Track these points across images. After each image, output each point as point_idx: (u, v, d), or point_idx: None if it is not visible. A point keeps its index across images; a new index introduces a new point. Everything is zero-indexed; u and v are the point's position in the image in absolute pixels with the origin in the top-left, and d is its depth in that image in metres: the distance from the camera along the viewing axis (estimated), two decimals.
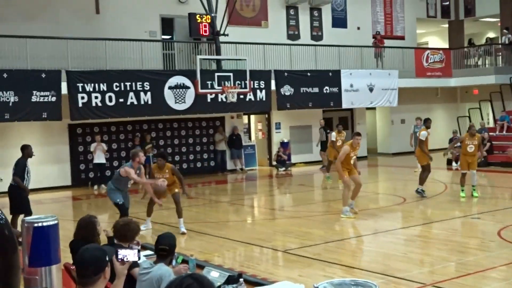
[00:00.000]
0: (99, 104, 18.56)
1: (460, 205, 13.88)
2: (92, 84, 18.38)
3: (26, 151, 11.56)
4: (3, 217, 4.89)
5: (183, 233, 11.47)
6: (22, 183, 11.30)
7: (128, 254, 3.72)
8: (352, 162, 12.60)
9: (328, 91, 23.34)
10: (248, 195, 18.41)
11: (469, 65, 28.03)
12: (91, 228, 6.32)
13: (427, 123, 15.21)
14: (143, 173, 11.63)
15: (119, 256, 3.69)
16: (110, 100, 18.73)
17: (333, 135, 19.01)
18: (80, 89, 18.20)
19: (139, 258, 3.86)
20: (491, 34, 32.31)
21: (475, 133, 14.76)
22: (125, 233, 5.90)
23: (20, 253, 6.02)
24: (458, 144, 15.59)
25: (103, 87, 18.57)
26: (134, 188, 13.67)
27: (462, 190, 14.56)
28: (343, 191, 12.68)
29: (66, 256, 7.22)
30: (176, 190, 11.67)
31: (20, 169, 11.34)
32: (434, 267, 8.41)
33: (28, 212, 10.86)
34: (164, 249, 5.32)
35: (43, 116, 17.78)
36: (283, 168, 22.51)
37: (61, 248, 7.38)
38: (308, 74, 22.94)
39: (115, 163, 20.59)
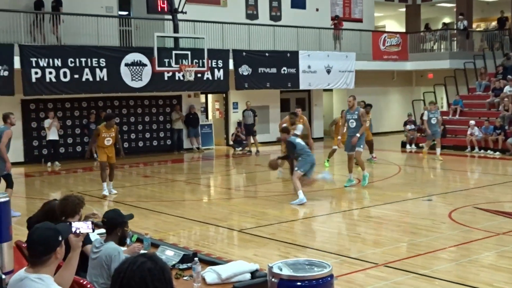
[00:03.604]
0: (53, 80, 18.19)
1: (413, 187, 14.13)
2: (46, 59, 17.99)
3: None
4: None
5: (115, 193, 13.16)
6: None
7: (82, 227, 3.75)
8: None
9: (286, 72, 23.39)
10: (204, 175, 18.37)
11: (425, 49, 28.46)
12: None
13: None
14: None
15: (72, 229, 3.68)
16: (65, 76, 18.38)
17: None
18: (34, 64, 17.79)
19: (93, 230, 3.87)
20: (447, 19, 32.79)
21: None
22: (64, 209, 5.63)
23: None
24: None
25: (58, 62, 18.20)
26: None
27: (327, 161, 17.34)
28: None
29: (17, 234, 7.11)
30: (115, 161, 13.35)
31: None
32: (386, 247, 8.56)
33: None
34: (103, 221, 5.27)
35: None
36: (240, 148, 22.51)
37: (13, 225, 7.26)
38: (266, 54, 22.93)
39: (69, 140, 20.29)
